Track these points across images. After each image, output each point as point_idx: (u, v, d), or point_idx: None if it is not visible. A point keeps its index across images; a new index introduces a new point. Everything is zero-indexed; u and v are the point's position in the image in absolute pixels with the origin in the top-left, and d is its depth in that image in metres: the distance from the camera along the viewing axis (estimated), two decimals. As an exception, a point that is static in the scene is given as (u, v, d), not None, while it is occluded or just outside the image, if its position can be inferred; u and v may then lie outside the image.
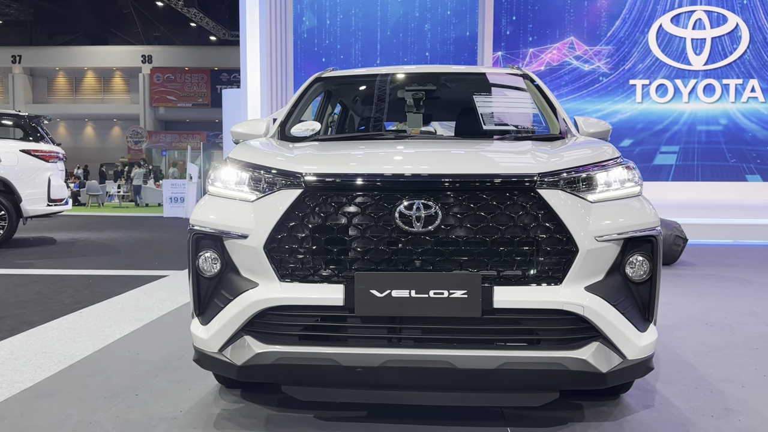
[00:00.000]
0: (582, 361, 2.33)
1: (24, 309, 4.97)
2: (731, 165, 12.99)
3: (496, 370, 2.32)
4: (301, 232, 2.42)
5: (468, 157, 2.74)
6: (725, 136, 13.04)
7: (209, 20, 35.63)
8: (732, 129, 13.02)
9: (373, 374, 2.37)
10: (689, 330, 4.43)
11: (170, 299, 5.35)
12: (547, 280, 2.36)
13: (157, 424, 2.68)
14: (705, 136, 13.07)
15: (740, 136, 13.01)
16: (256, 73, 13.29)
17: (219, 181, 2.67)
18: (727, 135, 13.03)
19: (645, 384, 3.21)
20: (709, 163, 13.03)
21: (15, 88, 38.75)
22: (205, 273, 2.55)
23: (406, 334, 2.40)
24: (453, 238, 2.35)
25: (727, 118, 13.04)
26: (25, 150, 9.21)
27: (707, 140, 13.05)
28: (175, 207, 16.81)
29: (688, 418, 2.79)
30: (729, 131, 13.02)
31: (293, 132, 3.49)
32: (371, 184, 2.40)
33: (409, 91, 3.87)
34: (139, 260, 8.11)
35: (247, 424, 2.69)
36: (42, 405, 2.91)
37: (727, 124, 13.03)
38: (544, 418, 2.75)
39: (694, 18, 13.20)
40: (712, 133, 13.06)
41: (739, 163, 12.98)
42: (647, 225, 2.47)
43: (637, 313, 2.46)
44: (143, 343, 4.00)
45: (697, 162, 13.07)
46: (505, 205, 2.36)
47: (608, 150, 2.68)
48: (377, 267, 2.38)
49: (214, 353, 2.50)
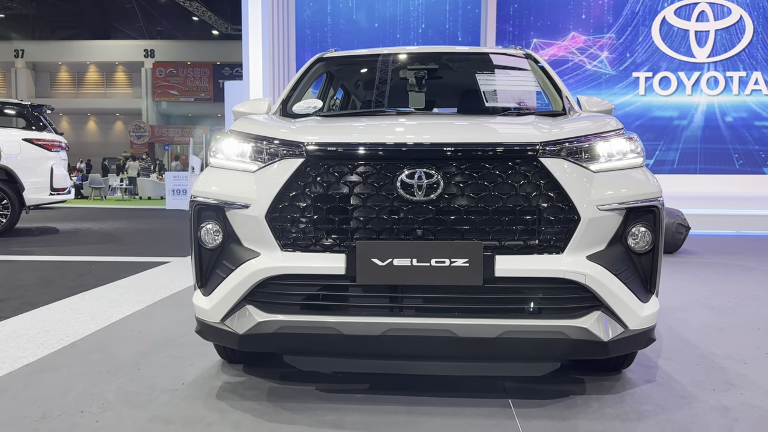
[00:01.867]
0: (583, 330, 2.33)
1: (26, 291, 4.98)
2: (735, 157, 12.96)
3: (498, 339, 2.32)
4: (302, 201, 2.42)
5: (470, 127, 2.73)
6: (728, 129, 13.00)
7: (211, 14, 35.63)
8: (736, 121, 12.98)
9: (375, 343, 2.37)
10: (691, 312, 4.42)
11: (173, 283, 5.36)
12: (549, 248, 2.36)
13: (159, 396, 2.69)
14: (708, 128, 13.03)
15: (744, 128, 12.97)
16: (258, 64, 13.30)
17: (220, 153, 2.67)
18: (731, 127, 12.99)
19: (646, 360, 3.21)
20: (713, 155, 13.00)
21: (18, 82, 38.78)
22: (206, 244, 2.55)
23: (407, 303, 2.40)
24: (455, 207, 2.35)
25: (730, 111, 13.00)
26: (27, 139, 9.20)
27: (710, 132, 13.02)
28: (177, 199, 16.82)
29: (689, 391, 2.79)
30: (732, 123, 12.98)
31: (295, 109, 3.49)
32: (373, 153, 2.40)
33: (412, 70, 3.86)
34: (142, 248, 8.13)
35: (249, 395, 2.69)
36: (44, 378, 2.92)
37: (730, 116, 12.99)
38: (546, 391, 2.75)
39: (698, 10, 13.15)
40: (715, 125, 13.02)
41: (743, 156, 12.95)
42: (649, 195, 2.46)
43: (639, 283, 2.46)
44: (145, 322, 4.01)
45: (699, 154, 13.04)
46: (507, 173, 2.35)
47: (611, 122, 2.68)
48: (379, 236, 2.38)
49: (216, 323, 2.50)
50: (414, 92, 3.85)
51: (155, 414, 2.49)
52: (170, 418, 2.46)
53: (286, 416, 2.47)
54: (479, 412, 2.51)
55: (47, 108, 10.09)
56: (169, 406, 2.58)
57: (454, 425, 2.39)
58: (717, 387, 2.85)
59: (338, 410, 2.53)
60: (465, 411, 2.52)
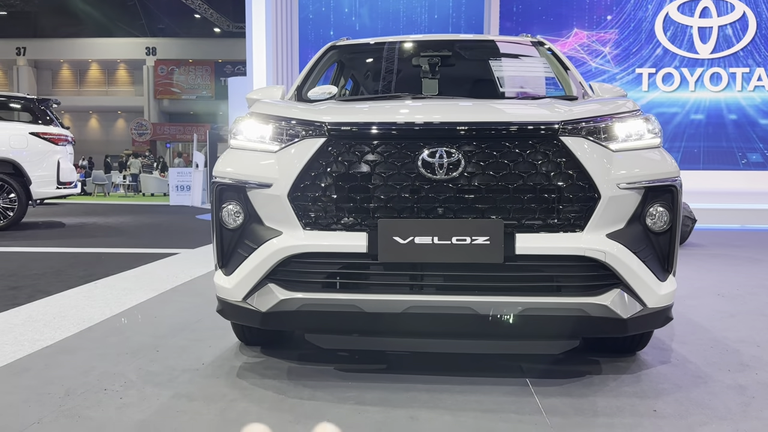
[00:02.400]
0: (603, 307, 2.35)
1: (39, 280, 5.01)
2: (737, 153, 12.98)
3: (518, 316, 2.34)
4: (324, 180, 2.44)
5: (491, 107, 2.75)
6: (731, 125, 13.03)
7: (213, 12, 35.65)
8: (739, 118, 13.00)
9: (396, 321, 2.39)
10: (701, 299, 4.45)
11: (184, 273, 5.39)
12: (569, 227, 2.38)
13: (180, 375, 2.71)
14: (711, 124, 13.06)
15: (747, 125, 13.00)
16: (262, 61, 13.34)
17: (241, 134, 2.69)
18: (733, 124, 13.01)
19: (660, 343, 3.23)
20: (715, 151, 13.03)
21: (20, 80, 38.83)
22: (228, 224, 2.58)
23: (428, 281, 2.42)
24: (475, 186, 2.37)
25: (733, 107, 13.02)
26: (34, 133, 9.22)
27: (713, 129, 13.05)
28: (181, 195, 16.85)
29: (705, 371, 2.81)
30: (735, 120, 13.00)
31: (310, 95, 3.50)
32: (394, 132, 2.42)
33: (425, 57, 3.88)
34: (149, 240, 8.16)
35: (269, 374, 2.72)
36: (65, 359, 2.94)
37: (733, 112, 13.01)
38: (562, 371, 2.78)
39: (701, 6, 13.17)
40: (717, 121, 13.05)
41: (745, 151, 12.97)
42: (668, 174, 2.49)
43: (657, 262, 2.49)
44: (160, 308, 4.03)
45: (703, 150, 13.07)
46: (527, 152, 2.38)
47: (628, 103, 2.70)
48: (400, 215, 2.40)
49: (238, 302, 2.53)
50: (427, 79, 3.86)
51: (178, 391, 2.51)
52: (193, 395, 2.48)
53: (307, 393, 2.50)
54: (498, 390, 2.53)
55: (54, 102, 10.11)
56: (191, 384, 2.60)
57: (474, 401, 2.42)
58: (732, 368, 2.87)
59: (358, 388, 2.55)
60: (484, 389, 2.54)
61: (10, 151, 8.95)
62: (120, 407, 2.35)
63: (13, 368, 2.81)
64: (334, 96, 3.55)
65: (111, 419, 2.25)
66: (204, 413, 2.31)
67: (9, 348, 3.11)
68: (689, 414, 2.32)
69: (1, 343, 3.20)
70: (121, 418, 2.26)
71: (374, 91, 4.51)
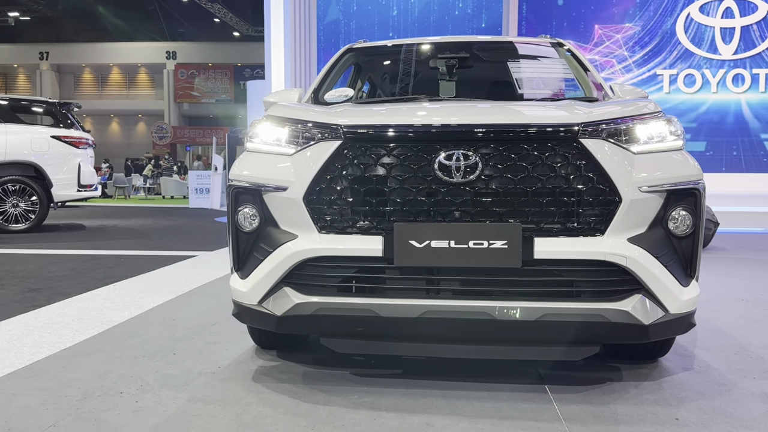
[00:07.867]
0: (624, 313, 2.30)
1: (59, 282, 5.05)
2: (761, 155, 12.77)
3: (536, 322, 2.30)
4: (340, 183, 2.42)
5: (509, 109, 2.71)
6: (755, 127, 12.82)
7: (233, 16, 35.90)
8: (763, 119, 12.79)
9: (412, 325, 2.37)
10: (724, 305, 4.36)
11: (201, 275, 5.40)
12: (590, 230, 2.34)
13: (197, 378, 2.71)
14: (734, 126, 12.86)
15: (771, 126, 12.78)
16: (281, 64, 13.40)
17: (257, 137, 2.68)
18: (757, 126, 12.80)
19: (682, 350, 3.17)
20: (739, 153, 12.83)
21: (43, 84, 39.39)
22: (244, 227, 2.57)
23: (444, 285, 2.39)
24: (493, 189, 2.34)
25: (757, 108, 12.81)
26: (56, 136, 9.33)
27: (737, 131, 12.85)
28: (200, 198, 16.96)
29: (729, 379, 2.75)
30: (759, 122, 12.79)
31: (327, 98, 3.50)
32: (410, 135, 2.40)
33: (442, 59, 3.85)
34: (168, 243, 8.20)
35: (285, 378, 2.70)
36: (82, 361, 2.95)
37: (757, 114, 12.80)
38: (582, 377, 2.73)
39: (723, 6, 12.98)
40: (741, 123, 12.86)
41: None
42: (691, 177, 2.43)
43: (680, 267, 2.43)
44: (178, 311, 4.04)
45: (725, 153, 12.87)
46: (546, 154, 2.34)
47: (650, 105, 2.64)
48: (416, 218, 2.37)
49: (253, 305, 2.52)
50: (445, 81, 3.83)
51: (194, 395, 2.51)
52: (209, 398, 2.47)
53: (322, 398, 2.48)
54: (516, 397, 2.49)
55: (75, 105, 10.23)
56: (207, 387, 2.60)
57: (491, 408, 2.38)
58: (756, 375, 2.80)
59: (374, 393, 2.52)
60: (502, 395, 2.50)
61: (31, 155, 9.06)
62: (136, 411, 2.35)
63: (32, 370, 2.82)
64: (350, 99, 3.54)
65: (127, 423, 2.24)
66: (219, 417, 2.30)
67: (28, 350, 3.13)
68: (712, 423, 2.26)
69: (21, 345, 3.23)
70: (137, 421, 2.26)
71: (391, 93, 4.49)
